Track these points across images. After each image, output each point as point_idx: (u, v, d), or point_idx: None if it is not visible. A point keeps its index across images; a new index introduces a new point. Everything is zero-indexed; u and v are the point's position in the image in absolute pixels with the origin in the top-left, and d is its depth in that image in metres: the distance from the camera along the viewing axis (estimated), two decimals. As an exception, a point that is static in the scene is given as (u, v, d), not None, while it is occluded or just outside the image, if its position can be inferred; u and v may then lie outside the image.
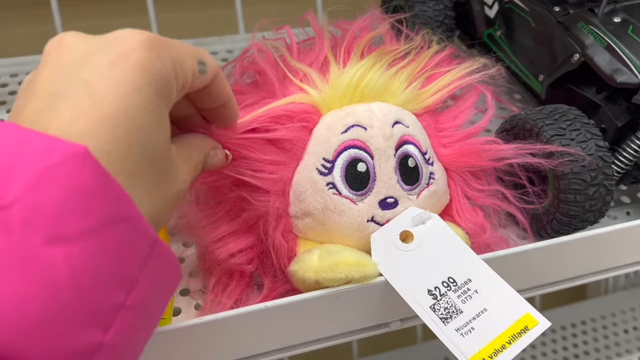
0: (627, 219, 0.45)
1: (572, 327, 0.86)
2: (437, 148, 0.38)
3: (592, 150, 0.37)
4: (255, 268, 0.36)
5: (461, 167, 0.38)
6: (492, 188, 0.39)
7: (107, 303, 0.21)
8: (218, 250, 0.35)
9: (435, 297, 0.33)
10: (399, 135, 0.36)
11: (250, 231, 0.36)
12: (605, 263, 0.40)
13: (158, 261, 0.23)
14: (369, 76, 0.37)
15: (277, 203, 0.35)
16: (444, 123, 0.39)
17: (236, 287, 0.35)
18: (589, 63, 0.41)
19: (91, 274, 0.20)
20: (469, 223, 0.37)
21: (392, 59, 0.39)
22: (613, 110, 0.42)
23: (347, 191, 0.34)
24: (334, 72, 0.37)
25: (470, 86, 0.40)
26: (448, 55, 0.41)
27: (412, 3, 0.53)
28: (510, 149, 0.37)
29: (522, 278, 0.38)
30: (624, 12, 0.42)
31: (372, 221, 0.35)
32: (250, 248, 0.36)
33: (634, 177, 0.42)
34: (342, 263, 0.33)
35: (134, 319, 0.22)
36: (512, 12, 0.49)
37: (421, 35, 0.42)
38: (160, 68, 0.25)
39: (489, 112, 0.40)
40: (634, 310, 0.88)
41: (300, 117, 0.36)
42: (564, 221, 0.38)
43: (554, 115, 0.38)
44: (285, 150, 0.35)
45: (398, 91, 0.38)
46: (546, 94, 0.47)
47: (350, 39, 0.40)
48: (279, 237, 0.35)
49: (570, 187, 0.37)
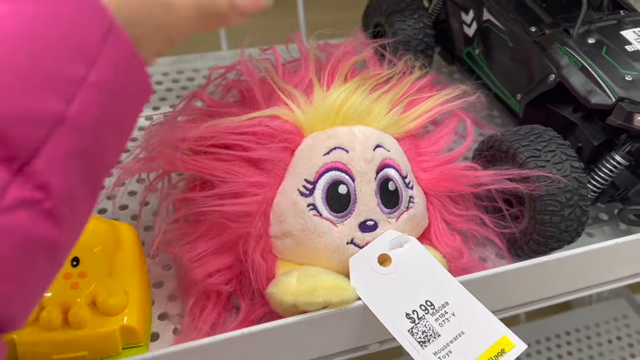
0: (604, 236, 0.45)
1: (556, 337, 0.86)
2: (417, 172, 0.39)
3: (567, 171, 0.37)
4: (233, 289, 0.36)
5: (440, 192, 0.39)
6: (470, 213, 0.39)
7: (67, 72, 0.20)
8: (196, 270, 0.35)
9: (413, 321, 0.33)
10: (380, 159, 0.36)
11: (229, 251, 0.36)
12: (582, 282, 0.41)
13: (118, 48, 0.22)
14: (352, 100, 0.37)
15: (258, 224, 0.35)
16: (424, 148, 0.40)
17: (213, 310, 0.35)
18: (564, 84, 0.41)
19: (44, 35, 0.19)
20: (447, 247, 0.38)
21: (374, 83, 0.40)
22: (589, 129, 0.42)
23: (327, 213, 0.35)
24: (318, 94, 0.38)
25: (450, 112, 0.41)
26: (429, 81, 0.42)
27: (392, 21, 0.53)
28: (489, 174, 0.38)
29: (502, 298, 0.39)
30: (598, 33, 0.42)
31: (352, 243, 0.35)
32: (229, 268, 0.36)
33: (610, 195, 0.43)
34: (321, 287, 0.33)
35: (99, 100, 0.21)
36: (490, 32, 0.49)
37: (404, 61, 0.42)
38: None
39: (468, 138, 0.40)
40: (617, 320, 0.88)
41: (282, 136, 0.36)
42: (540, 241, 0.38)
43: (530, 136, 0.39)
44: (266, 171, 0.36)
45: (380, 115, 0.38)
46: (524, 112, 0.47)
47: (335, 62, 0.40)
48: (258, 257, 0.35)
49: (546, 208, 0.37)
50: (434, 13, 0.57)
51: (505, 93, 0.49)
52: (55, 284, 0.31)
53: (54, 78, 0.20)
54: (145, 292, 0.35)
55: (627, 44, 0.41)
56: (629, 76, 0.39)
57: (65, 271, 0.32)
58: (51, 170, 0.20)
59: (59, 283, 0.32)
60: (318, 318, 0.33)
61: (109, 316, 0.31)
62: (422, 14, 0.54)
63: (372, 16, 0.57)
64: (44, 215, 0.20)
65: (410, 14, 0.54)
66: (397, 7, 0.54)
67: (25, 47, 0.19)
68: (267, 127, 0.36)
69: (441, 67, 0.62)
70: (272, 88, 0.38)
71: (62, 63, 0.20)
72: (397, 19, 0.53)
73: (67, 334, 0.30)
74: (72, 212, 0.21)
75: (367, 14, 0.58)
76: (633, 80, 0.39)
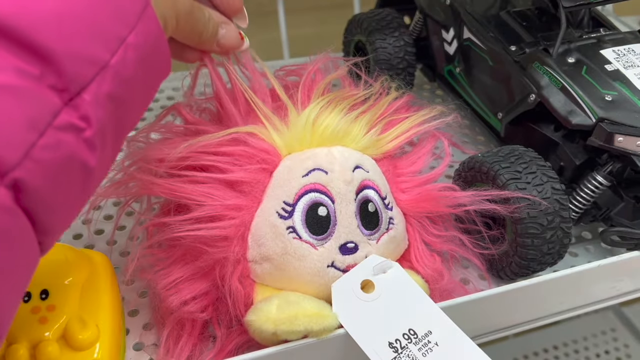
0: (588, 255, 0.45)
1: (544, 352, 0.86)
2: (396, 193, 0.38)
3: (548, 193, 0.37)
4: (210, 317, 0.35)
5: (419, 213, 0.38)
6: (450, 234, 0.39)
7: (113, 31, 0.25)
8: (170, 297, 0.34)
9: (396, 350, 0.32)
10: (360, 180, 0.36)
11: (205, 277, 0.35)
12: (565, 304, 0.40)
13: (150, 24, 0.27)
14: (329, 120, 0.37)
15: (236, 248, 0.34)
16: (403, 168, 0.39)
17: (188, 340, 0.34)
18: (544, 104, 0.41)
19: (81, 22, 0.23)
20: (427, 269, 0.37)
21: (351, 103, 0.39)
22: (571, 148, 0.42)
23: (307, 235, 0.34)
24: (293, 114, 0.37)
25: (427, 133, 0.40)
26: (406, 102, 0.42)
27: (373, 39, 0.53)
28: (467, 195, 0.37)
29: (484, 322, 0.38)
30: (577, 52, 0.42)
31: (332, 266, 0.34)
32: (205, 294, 0.35)
33: (593, 215, 0.42)
34: (302, 314, 0.32)
35: (135, 59, 0.25)
36: (470, 50, 0.49)
37: (380, 81, 0.42)
38: None
39: (446, 159, 0.40)
40: (605, 334, 0.88)
41: (260, 157, 0.35)
42: (522, 264, 0.38)
43: (510, 158, 0.38)
44: (244, 193, 0.35)
45: (358, 136, 0.38)
46: (505, 131, 0.47)
47: (308, 80, 0.40)
48: (235, 282, 0.34)
49: (527, 231, 0.36)
50: (415, 31, 0.57)
51: (486, 112, 0.49)
52: (23, 319, 0.30)
53: (104, 32, 0.24)
54: (118, 323, 0.34)
55: (606, 64, 0.41)
56: (609, 96, 0.39)
57: (33, 304, 0.31)
58: (93, 105, 0.24)
59: (26, 317, 0.31)
60: (298, 348, 0.32)
61: (79, 351, 0.31)
62: (403, 32, 0.54)
63: (353, 34, 0.56)
64: (84, 141, 0.23)
65: (391, 32, 0.53)
66: (377, 25, 0.54)
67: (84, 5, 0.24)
68: (244, 147, 0.35)
69: (423, 85, 0.61)
70: (249, 107, 0.38)
71: (111, 22, 0.25)
72: (378, 37, 0.53)
73: (36, 371, 0.30)
74: (104, 148, 0.25)
75: (348, 31, 0.58)
76: (613, 100, 0.39)
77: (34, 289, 0.32)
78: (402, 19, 0.55)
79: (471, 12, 0.49)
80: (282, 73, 0.43)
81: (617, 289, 0.42)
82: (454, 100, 0.53)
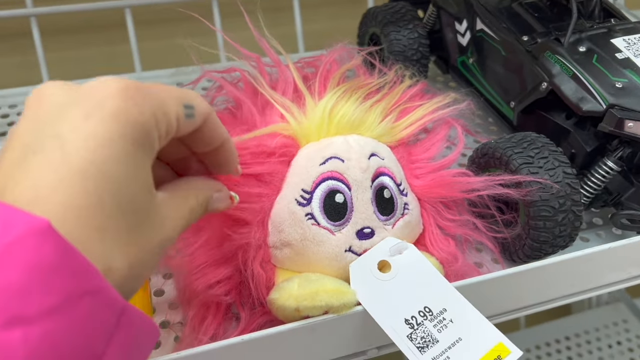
0: (599, 241, 0.46)
1: (556, 342, 0.87)
2: (410, 179, 0.39)
3: (559, 177, 0.38)
4: (233, 300, 0.37)
5: (433, 198, 0.39)
6: (463, 218, 0.40)
7: None
8: (197, 281, 0.35)
9: (412, 327, 0.33)
10: (375, 167, 0.37)
11: (228, 262, 0.36)
12: (577, 286, 0.41)
13: (128, 329, 0.23)
14: (345, 109, 0.38)
15: (257, 234, 0.36)
16: (417, 155, 0.40)
17: (213, 321, 0.36)
18: (556, 91, 0.42)
19: (52, 354, 0.20)
20: (442, 252, 0.38)
21: (366, 92, 0.40)
22: (582, 135, 0.43)
23: (325, 222, 0.35)
24: (310, 104, 0.38)
25: (441, 120, 0.41)
26: (420, 89, 0.43)
27: (387, 32, 0.54)
28: (480, 180, 0.38)
29: (497, 303, 0.39)
30: (588, 41, 0.43)
31: (350, 251, 0.35)
32: (229, 279, 0.36)
33: (603, 200, 0.43)
34: (322, 291, 0.33)
35: None
36: (483, 41, 0.50)
37: (394, 70, 0.43)
38: (137, 117, 0.24)
39: (459, 145, 0.41)
40: (616, 325, 0.89)
41: (280, 152, 0.36)
42: (534, 247, 0.39)
43: (523, 143, 0.39)
44: (265, 183, 0.36)
45: (373, 124, 0.39)
46: (517, 120, 0.48)
47: (324, 72, 0.41)
48: (257, 267, 0.35)
49: (540, 214, 0.38)
50: (429, 23, 0.58)
51: (499, 101, 0.50)
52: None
53: None
54: (147, 300, 0.35)
55: (617, 52, 0.42)
56: (619, 83, 0.40)
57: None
58: None
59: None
60: (319, 323, 0.33)
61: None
62: (416, 24, 0.55)
63: (368, 27, 0.58)
64: None
65: (405, 25, 0.54)
66: (392, 17, 0.55)
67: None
68: (264, 147, 0.36)
69: (436, 76, 0.62)
70: (265, 99, 0.39)
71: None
72: (392, 29, 0.54)
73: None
74: None
75: (362, 24, 0.59)
76: (623, 87, 0.40)
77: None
78: (415, 12, 0.57)
79: (484, 3, 0.50)
80: (299, 65, 0.44)
81: (628, 272, 0.42)
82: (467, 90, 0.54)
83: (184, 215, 0.28)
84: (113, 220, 0.23)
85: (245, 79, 0.42)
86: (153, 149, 0.26)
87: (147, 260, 0.25)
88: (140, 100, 0.25)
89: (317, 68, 0.41)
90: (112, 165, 0.23)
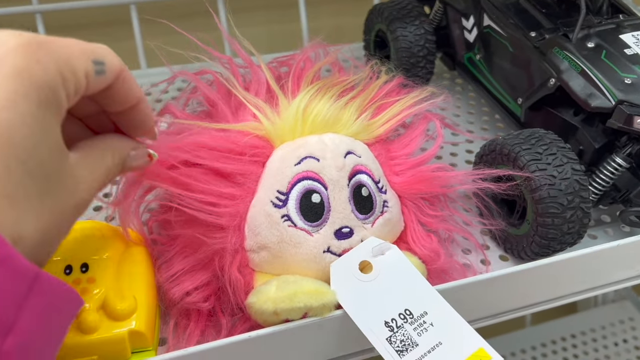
0: (607, 238, 0.45)
1: (562, 340, 0.86)
2: (390, 176, 0.39)
3: (568, 174, 0.38)
4: (212, 306, 0.36)
5: (414, 194, 0.39)
6: (445, 213, 0.39)
7: None
8: (173, 289, 0.35)
9: (392, 329, 0.33)
10: (352, 166, 0.36)
11: (205, 268, 0.36)
12: (584, 284, 0.41)
13: (42, 297, 0.22)
14: (319, 108, 0.37)
15: (233, 238, 0.35)
16: (396, 151, 0.40)
17: (195, 328, 0.35)
18: (564, 87, 0.42)
19: None
20: (424, 249, 0.38)
21: (341, 89, 0.40)
22: (590, 132, 0.43)
23: (302, 223, 0.35)
24: (283, 103, 0.38)
25: (419, 114, 0.41)
26: (396, 85, 0.42)
27: (394, 28, 0.54)
28: (461, 175, 0.38)
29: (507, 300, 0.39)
30: (597, 37, 0.43)
31: (329, 252, 0.35)
32: (206, 285, 0.36)
33: (612, 197, 0.43)
34: (301, 292, 0.32)
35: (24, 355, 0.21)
36: (490, 37, 0.50)
37: (369, 66, 0.42)
38: (41, 75, 0.23)
39: (438, 139, 0.41)
40: (623, 323, 0.88)
41: (252, 152, 0.36)
42: (543, 244, 0.39)
43: (531, 140, 0.39)
44: (238, 184, 0.36)
45: (349, 122, 0.38)
46: (525, 116, 0.47)
47: (297, 70, 0.40)
48: (235, 272, 0.35)
49: (548, 210, 0.37)
50: (435, 19, 0.58)
51: (506, 97, 0.50)
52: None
53: None
54: (153, 296, 0.35)
55: (626, 48, 0.42)
56: (628, 79, 0.40)
57: (74, 277, 0.33)
58: None
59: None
60: (298, 327, 0.33)
61: (118, 321, 0.32)
62: (423, 20, 0.55)
63: (374, 23, 0.58)
64: None
65: (411, 21, 0.54)
66: (398, 14, 0.55)
67: None
68: (235, 145, 0.36)
69: (443, 73, 0.62)
70: (238, 100, 0.38)
71: None
72: (399, 25, 0.54)
73: (77, 339, 0.31)
74: None
75: (368, 20, 0.59)
76: (632, 83, 0.40)
77: (75, 263, 0.33)
78: (422, 8, 0.56)
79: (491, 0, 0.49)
80: (273, 65, 0.44)
81: (636, 269, 0.42)
82: (474, 87, 0.54)
83: (99, 176, 0.27)
84: (22, 187, 0.22)
85: (218, 80, 0.41)
86: (61, 108, 0.24)
87: (61, 225, 0.25)
88: (44, 56, 0.23)
89: (290, 67, 0.41)
90: (16, 130, 0.22)
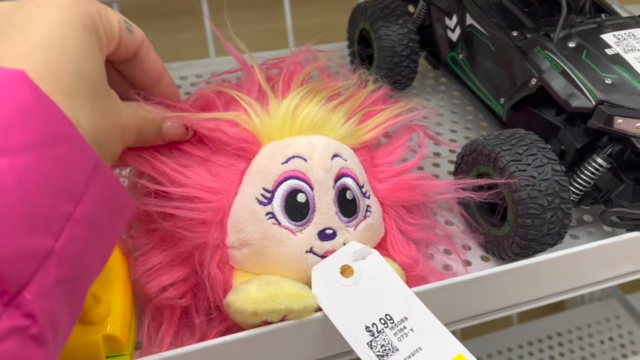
0: (589, 238, 0.45)
1: (548, 339, 0.87)
2: (373, 182, 0.39)
3: (548, 175, 0.37)
4: (188, 303, 0.35)
5: (396, 202, 0.39)
6: (425, 222, 0.40)
7: (56, 212, 0.22)
8: (149, 284, 0.35)
9: (373, 334, 0.33)
10: (338, 168, 0.36)
11: (184, 262, 0.35)
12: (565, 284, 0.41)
13: (102, 182, 0.24)
14: (308, 109, 0.37)
15: (215, 233, 0.35)
16: (380, 159, 0.40)
17: (168, 328, 0.35)
18: (545, 87, 0.42)
19: (37, 182, 0.21)
20: (403, 257, 0.38)
21: (330, 94, 0.40)
22: (572, 132, 0.43)
23: (286, 221, 0.34)
24: (273, 103, 0.38)
25: (404, 125, 0.41)
26: (383, 94, 0.42)
27: (377, 27, 0.54)
28: (443, 184, 0.39)
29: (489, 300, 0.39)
30: (578, 36, 0.43)
31: (311, 252, 0.35)
32: (183, 281, 0.35)
33: (593, 198, 0.43)
34: (282, 294, 0.32)
35: (84, 231, 0.23)
36: (473, 36, 0.49)
37: (357, 74, 0.43)
38: (84, 8, 0.28)
39: (421, 150, 0.41)
40: (609, 321, 0.89)
41: (238, 145, 0.36)
42: (523, 244, 0.39)
43: (511, 140, 0.39)
44: (221, 178, 0.35)
45: (337, 126, 0.38)
46: (507, 116, 0.47)
47: (288, 72, 0.40)
48: (214, 268, 0.34)
49: (528, 211, 0.37)
50: (419, 18, 0.57)
51: (489, 97, 0.49)
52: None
53: (44, 218, 0.22)
54: (129, 298, 0.35)
55: (607, 48, 0.42)
56: (609, 79, 0.40)
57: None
58: (38, 299, 0.21)
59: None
60: (277, 330, 0.33)
61: (92, 325, 0.31)
62: (406, 19, 0.54)
63: (358, 22, 0.57)
64: (30, 339, 0.21)
65: (394, 20, 0.54)
66: (382, 12, 0.54)
67: (20, 195, 0.21)
68: (223, 134, 0.35)
69: (427, 72, 0.62)
70: (229, 96, 0.38)
71: (51, 204, 0.22)
72: (382, 24, 0.54)
73: (49, 344, 0.30)
74: (56, 333, 0.23)
75: (352, 19, 0.59)
76: (613, 83, 0.40)
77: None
78: (405, 7, 0.56)
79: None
80: (263, 67, 0.43)
81: (618, 269, 0.42)
82: (457, 87, 0.54)
83: (137, 119, 0.31)
84: (75, 87, 0.26)
85: None
86: (101, 42, 0.28)
87: (110, 135, 0.28)
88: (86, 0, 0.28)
89: (281, 69, 0.41)
90: (69, 42, 0.26)
